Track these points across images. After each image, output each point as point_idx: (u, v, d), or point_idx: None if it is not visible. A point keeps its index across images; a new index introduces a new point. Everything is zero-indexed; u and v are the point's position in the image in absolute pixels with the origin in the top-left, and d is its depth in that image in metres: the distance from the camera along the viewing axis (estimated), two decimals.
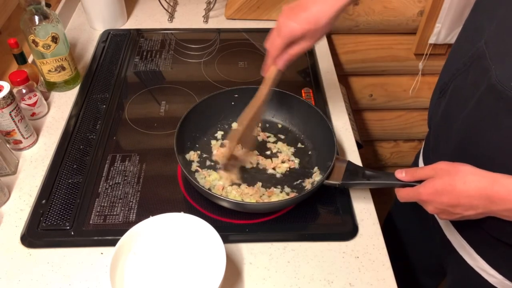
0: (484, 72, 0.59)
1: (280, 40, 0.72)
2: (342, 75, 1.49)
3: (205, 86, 1.04)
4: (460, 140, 0.67)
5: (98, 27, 1.21)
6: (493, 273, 0.69)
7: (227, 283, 0.68)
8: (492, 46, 0.59)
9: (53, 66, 0.96)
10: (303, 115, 0.89)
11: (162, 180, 0.83)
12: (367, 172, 0.74)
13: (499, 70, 0.56)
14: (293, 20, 0.71)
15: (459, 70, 0.68)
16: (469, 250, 0.72)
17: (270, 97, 0.79)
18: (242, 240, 0.74)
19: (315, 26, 0.70)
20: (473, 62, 0.64)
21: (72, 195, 0.80)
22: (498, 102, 0.57)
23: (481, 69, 0.60)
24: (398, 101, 1.59)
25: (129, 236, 0.66)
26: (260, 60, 1.14)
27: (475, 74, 0.63)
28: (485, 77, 0.59)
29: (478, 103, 0.61)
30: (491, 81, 0.57)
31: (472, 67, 0.64)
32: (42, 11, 0.90)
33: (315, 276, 0.70)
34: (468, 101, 0.63)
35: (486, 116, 0.60)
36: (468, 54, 0.65)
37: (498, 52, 0.58)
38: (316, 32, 0.71)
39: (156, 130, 0.94)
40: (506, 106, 0.56)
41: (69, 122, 0.94)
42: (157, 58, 1.13)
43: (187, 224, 0.68)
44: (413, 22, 1.37)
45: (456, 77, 0.69)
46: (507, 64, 0.56)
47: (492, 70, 0.57)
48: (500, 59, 0.57)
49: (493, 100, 0.58)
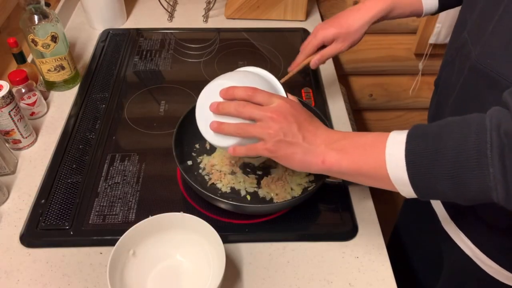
0: (466, 57, 0.63)
1: (314, 41, 0.83)
2: (342, 75, 1.49)
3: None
4: None
5: (97, 27, 1.21)
6: (490, 263, 0.69)
7: (227, 283, 0.68)
8: (472, 33, 0.63)
9: (52, 65, 0.96)
10: None
11: (161, 180, 0.83)
12: None
13: (478, 50, 0.60)
14: (329, 24, 0.82)
15: (446, 61, 0.72)
16: (466, 240, 0.73)
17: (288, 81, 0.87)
18: (241, 240, 0.74)
19: (347, 30, 0.81)
20: (458, 52, 0.67)
21: (71, 194, 0.80)
22: (479, 81, 0.60)
23: (464, 55, 0.64)
24: (398, 101, 1.59)
25: (128, 236, 0.66)
26: (260, 60, 1.15)
27: (459, 62, 0.66)
28: (468, 61, 0.62)
29: (462, 86, 0.65)
30: (472, 63, 0.61)
31: (458, 57, 0.67)
32: (41, 10, 0.90)
33: (314, 276, 0.70)
34: (455, 87, 0.67)
35: (471, 96, 0.63)
36: (454, 46, 0.69)
37: (477, 36, 0.61)
38: (348, 36, 0.81)
39: (155, 129, 0.93)
40: (487, 83, 0.58)
41: (69, 122, 0.94)
42: (157, 58, 1.12)
43: (186, 224, 0.68)
44: (413, 22, 1.37)
45: (444, 68, 0.73)
46: (484, 44, 0.59)
47: (472, 52, 0.61)
48: (478, 42, 0.60)
49: (475, 80, 0.61)
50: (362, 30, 0.81)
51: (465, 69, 0.63)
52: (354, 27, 0.81)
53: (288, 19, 1.25)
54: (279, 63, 1.12)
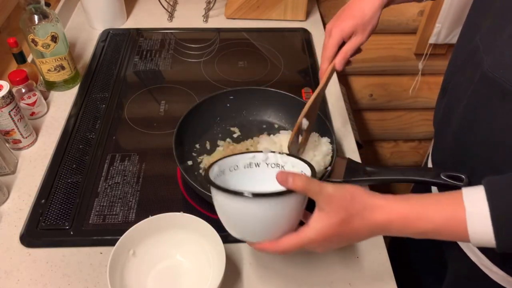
0: (478, 65, 0.61)
1: (332, 41, 0.74)
2: (342, 75, 1.49)
3: (204, 86, 1.04)
4: (458, 131, 0.68)
5: (97, 27, 1.21)
6: (496, 270, 0.69)
7: (227, 283, 0.68)
8: (485, 40, 0.62)
9: (52, 65, 0.96)
10: None
11: (161, 179, 0.83)
12: (368, 169, 0.75)
13: (490, 59, 0.59)
14: (340, 19, 0.74)
15: (457, 67, 0.70)
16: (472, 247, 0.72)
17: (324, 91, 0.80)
18: (242, 240, 0.73)
19: (362, 20, 0.73)
20: (469, 58, 0.66)
21: (72, 194, 0.80)
22: (491, 90, 0.59)
23: (476, 63, 0.62)
24: (398, 101, 1.59)
25: (129, 236, 0.66)
26: (260, 60, 1.15)
27: (470, 68, 0.65)
28: (479, 69, 0.61)
29: (473, 94, 0.63)
30: (483, 71, 0.59)
31: (469, 63, 0.66)
32: (41, 10, 0.90)
33: (315, 276, 0.70)
34: (465, 95, 0.65)
35: (481, 105, 0.62)
36: (465, 52, 0.67)
37: (489, 44, 0.60)
38: (365, 25, 0.73)
39: (155, 129, 0.93)
40: (498, 93, 0.58)
41: (69, 122, 0.94)
42: (157, 58, 1.12)
43: (186, 224, 0.68)
44: (413, 22, 1.37)
45: (455, 74, 0.71)
46: (496, 52, 0.58)
47: (484, 61, 0.59)
48: (490, 50, 0.59)
49: (486, 89, 0.60)
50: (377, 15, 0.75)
51: (476, 77, 0.62)
52: (369, 15, 0.73)
53: (288, 19, 1.25)
54: (279, 63, 1.12)
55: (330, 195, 0.52)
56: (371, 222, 0.53)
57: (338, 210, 0.52)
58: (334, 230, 0.53)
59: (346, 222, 0.53)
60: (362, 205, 0.53)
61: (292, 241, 0.55)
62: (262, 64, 1.12)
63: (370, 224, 0.53)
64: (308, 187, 0.52)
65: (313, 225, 0.54)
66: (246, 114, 0.92)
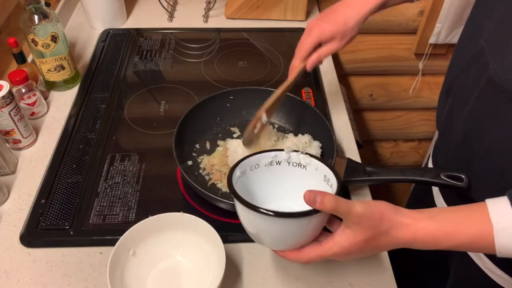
0: (484, 68, 0.61)
1: (310, 40, 0.76)
2: (342, 75, 1.49)
3: (204, 86, 1.04)
4: (463, 135, 0.67)
5: (97, 27, 1.21)
6: (500, 273, 0.69)
7: (227, 283, 0.68)
8: (491, 43, 0.61)
9: (52, 65, 0.96)
10: (301, 115, 0.89)
11: (161, 179, 0.83)
12: (368, 169, 0.75)
13: (497, 64, 0.58)
14: (323, 21, 0.75)
15: (461, 69, 0.69)
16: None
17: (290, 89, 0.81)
18: (242, 240, 0.74)
19: (344, 28, 0.74)
20: (474, 60, 0.65)
21: (72, 194, 0.80)
22: (497, 95, 0.58)
23: (481, 65, 0.62)
24: (398, 101, 1.59)
25: (128, 236, 0.66)
26: (260, 60, 1.15)
27: (475, 71, 0.64)
28: (485, 73, 0.60)
29: (478, 98, 0.62)
30: (490, 75, 0.59)
31: (473, 65, 0.65)
32: (41, 10, 0.90)
33: (315, 276, 0.70)
34: (470, 98, 0.65)
35: (487, 109, 0.61)
36: (469, 53, 0.66)
37: (496, 47, 0.59)
38: (345, 33, 0.75)
39: (155, 129, 0.93)
40: (504, 98, 0.57)
41: (69, 122, 0.94)
42: (157, 58, 1.12)
43: (186, 224, 0.68)
44: (413, 22, 1.37)
45: (459, 76, 0.70)
46: (504, 58, 0.57)
47: (491, 64, 0.59)
48: (498, 54, 0.59)
49: (492, 93, 0.59)
50: (358, 25, 0.76)
51: (482, 80, 0.61)
52: (350, 25, 0.74)
53: (288, 19, 1.25)
54: (279, 63, 1.12)
55: (359, 216, 0.52)
56: (396, 239, 0.53)
57: (365, 229, 0.52)
58: (360, 247, 0.53)
59: (372, 240, 0.53)
60: (389, 224, 0.52)
61: (316, 253, 0.55)
62: (262, 64, 1.12)
63: (396, 241, 0.53)
64: (337, 208, 0.51)
65: (338, 240, 0.54)
66: (246, 114, 0.92)
